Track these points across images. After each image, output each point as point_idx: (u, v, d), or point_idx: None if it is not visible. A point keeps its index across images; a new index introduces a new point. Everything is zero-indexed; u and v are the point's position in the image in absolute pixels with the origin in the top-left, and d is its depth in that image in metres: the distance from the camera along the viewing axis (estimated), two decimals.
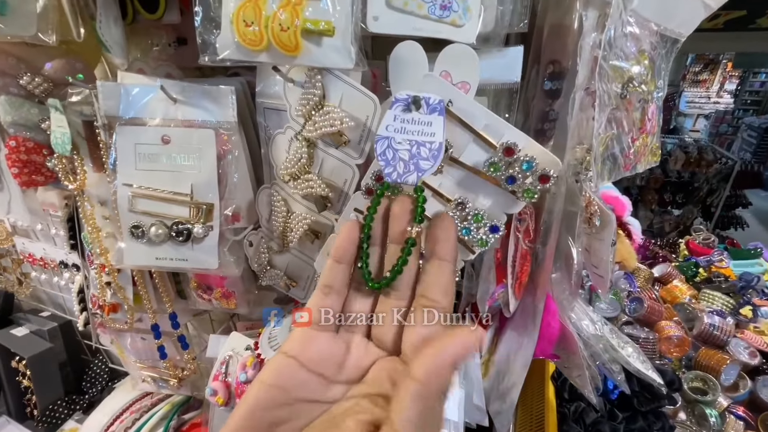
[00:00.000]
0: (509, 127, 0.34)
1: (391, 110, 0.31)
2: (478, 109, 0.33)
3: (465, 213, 0.36)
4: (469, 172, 0.35)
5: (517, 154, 0.33)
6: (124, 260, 0.47)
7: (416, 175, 0.31)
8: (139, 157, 0.46)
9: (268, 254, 0.52)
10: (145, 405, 0.87)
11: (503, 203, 0.36)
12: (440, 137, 0.31)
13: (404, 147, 0.31)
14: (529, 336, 0.61)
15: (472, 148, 0.34)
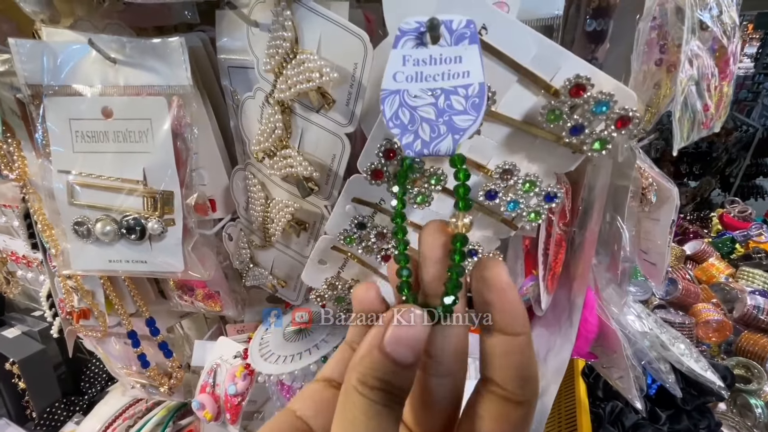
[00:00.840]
0: (568, 55, 0.23)
1: (398, 49, 0.20)
2: (525, 33, 0.23)
3: (512, 183, 0.26)
4: (510, 127, 0.25)
5: (589, 92, 0.22)
6: (71, 265, 0.39)
7: (452, 140, 0.20)
8: (76, 136, 0.36)
9: (249, 250, 0.43)
10: (140, 410, 0.81)
11: (556, 162, 0.26)
12: (479, 76, 0.20)
13: (426, 101, 0.20)
14: (564, 336, 0.52)
15: (516, 92, 0.24)
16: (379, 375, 0.16)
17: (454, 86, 0.19)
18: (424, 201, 0.26)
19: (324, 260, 0.35)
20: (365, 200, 0.30)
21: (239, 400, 0.52)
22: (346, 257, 0.34)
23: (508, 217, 0.27)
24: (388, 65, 0.19)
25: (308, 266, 0.36)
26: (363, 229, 0.30)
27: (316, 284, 0.36)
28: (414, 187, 0.25)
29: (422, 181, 0.25)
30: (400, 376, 0.16)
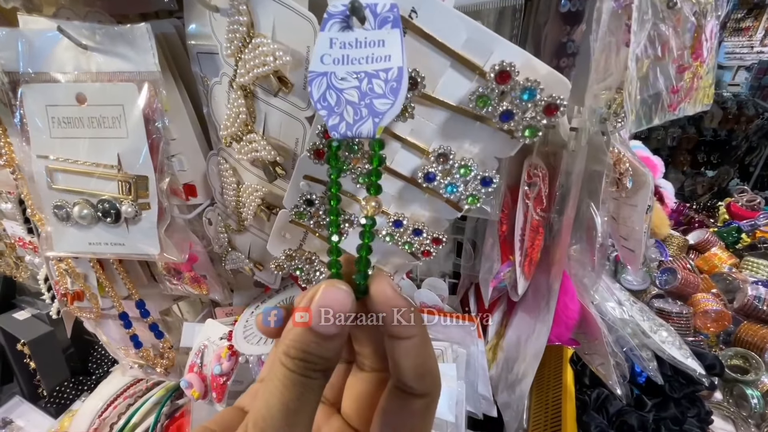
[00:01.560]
0: (499, 40, 0.23)
1: (325, 32, 0.21)
2: (454, 17, 0.23)
3: (448, 166, 0.26)
4: (448, 111, 0.25)
5: (515, 79, 0.22)
6: (54, 247, 0.40)
7: (372, 123, 0.21)
8: (53, 121, 0.37)
9: (227, 234, 0.44)
10: (140, 390, 0.84)
11: (495, 146, 0.26)
12: (398, 60, 0.20)
13: (350, 84, 0.21)
14: (543, 321, 0.52)
15: (451, 77, 0.24)
16: (300, 346, 0.17)
17: (375, 70, 0.19)
18: (365, 180, 0.26)
19: (285, 233, 0.36)
20: (317, 178, 0.30)
21: (224, 380, 0.54)
22: (305, 232, 0.35)
23: (452, 199, 0.28)
24: (315, 47, 0.19)
25: (272, 237, 0.37)
26: (311, 206, 0.30)
27: (278, 254, 0.37)
28: (356, 166, 0.26)
29: (361, 162, 0.25)
30: (322, 347, 0.17)
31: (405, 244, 0.32)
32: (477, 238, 0.49)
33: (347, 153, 0.24)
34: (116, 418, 0.79)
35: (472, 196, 0.27)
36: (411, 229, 0.30)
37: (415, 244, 0.32)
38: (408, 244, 0.32)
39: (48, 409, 1.03)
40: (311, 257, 0.35)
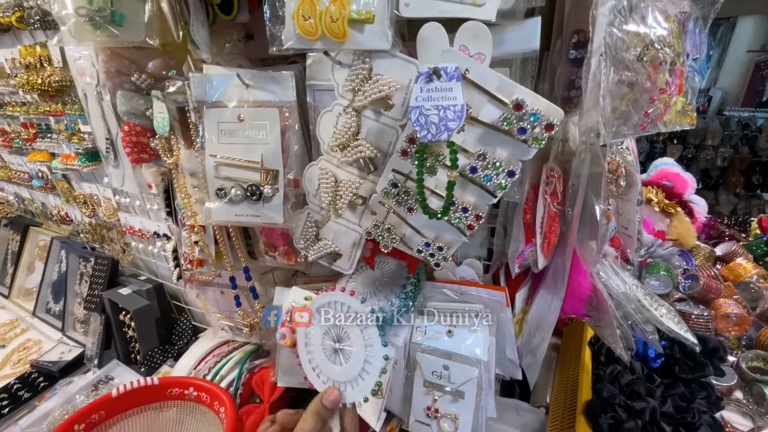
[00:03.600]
0: (518, 86, 0.39)
1: (417, 83, 0.38)
2: (490, 73, 0.39)
3: (486, 162, 0.42)
4: (486, 128, 0.41)
5: (526, 109, 0.38)
6: (212, 217, 0.59)
7: (446, 134, 0.38)
8: (221, 133, 0.57)
9: (314, 228, 0.61)
10: (223, 351, 1.03)
11: (518, 152, 0.42)
12: (461, 100, 0.37)
13: (433, 112, 0.38)
14: (558, 295, 0.66)
15: (488, 108, 0.40)
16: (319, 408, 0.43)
17: (448, 104, 0.36)
18: (432, 171, 0.43)
19: (374, 211, 0.53)
20: (400, 171, 0.47)
21: None
22: (388, 210, 0.52)
23: (489, 187, 0.43)
24: (412, 93, 0.36)
25: (365, 215, 0.54)
26: (395, 187, 0.47)
27: (368, 226, 0.54)
28: (427, 162, 0.42)
29: (431, 159, 0.42)
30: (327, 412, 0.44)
31: (457, 219, 0.48)
32: (507, 223, 0.63)
33: (425, 152, 0.41)
34: (207, 371, 0.98)
35: (501, 184, 0.43)
36: (461, 207, 0.46)
37: (463, 220, 0.48)
38: (459, 219, 0.48)
39: (140, 371, 1.24)
40: (390, 228, 0.52)
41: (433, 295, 0.69)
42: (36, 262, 1.76)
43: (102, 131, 0.72)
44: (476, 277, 0.71)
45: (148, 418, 0.89)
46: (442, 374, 0.61)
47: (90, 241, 1.44)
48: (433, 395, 0.62)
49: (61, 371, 1.30)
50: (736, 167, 3.45)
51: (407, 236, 0.52)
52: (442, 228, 0.50)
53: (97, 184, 1.25)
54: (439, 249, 0.50)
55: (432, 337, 0.62)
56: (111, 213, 1.26)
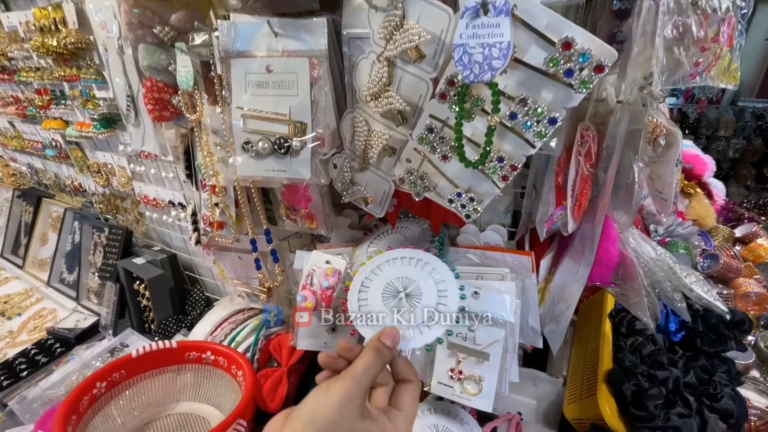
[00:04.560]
0: (569, 24, 0.37)
1: (463, 19, 0.36)
2: (540, 9, 0.37)
3: (527, 108, 0.40)
4: (530, 71, 0.39)
5: (574, 48, 0.37)
6: (237, 172, 0.58)
7: (490, 74, 0.36)
8: (249, 84, 0.55)
9: (350, 173, 0.60)
10: (239, 319, 1.04)
11: (562, 97, 0.40)
12: (508, 36, 0.36)
13: (477, 51, 0.36)
14: (586, 263, 0.65)
15: (534, 49, 0.38)
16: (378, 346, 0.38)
17: (494, 42, 0.34)
18: (470, 116, 0.42)
19: (409, 159, 0.52)
20: (438, 117, 0.46)
21: (331, 292, 0.70)
22: (422, 157, 0.51)
23: (527, 136, 0.42)
24: (456, 29, 0.35)
25: (398, 164, 0.53)
26: (431, 133, 0.46)
27: (401, 173, 0.53)
28: (466, 106, 0.41)
29: (470, 103, 0.40)
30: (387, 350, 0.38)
31: (491, 169, 0.46)
32: (537, 183, 0.62)
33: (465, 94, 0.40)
34: (223, 337, 0.99)
35: (540, 132, 0.41)
36: (497, 156, 0.45)
37: (498, 170, 0.46)
38: (494, 168, 0.46)
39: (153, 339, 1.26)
40: (423, 175, 0.51)
41: (456, 259, 0.68)
42: (49, 233, 1.77)
43: (123, 88, 0.71)
44: (501, 243, 0.70)
45: (166, 380, 0.90)
46: (467, 336, 0.60)
47: (104, 211, 1.44)
48: (457, 357, 0.61)
49: (77, 338, 1.32)
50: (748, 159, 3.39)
51: (439, 186, 0.51)
52: (476, 178, 0.49)
53: (112, 152, 1.25)
54: (470, 200, 0.49)
55: None
56: (125, 182, 1.26)
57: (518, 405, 0.82)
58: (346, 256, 0.75)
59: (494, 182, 0.48)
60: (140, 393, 0.85)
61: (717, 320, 0.77)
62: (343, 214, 0.81)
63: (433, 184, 0.52)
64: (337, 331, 0.76)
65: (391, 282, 0.43)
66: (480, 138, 0.45)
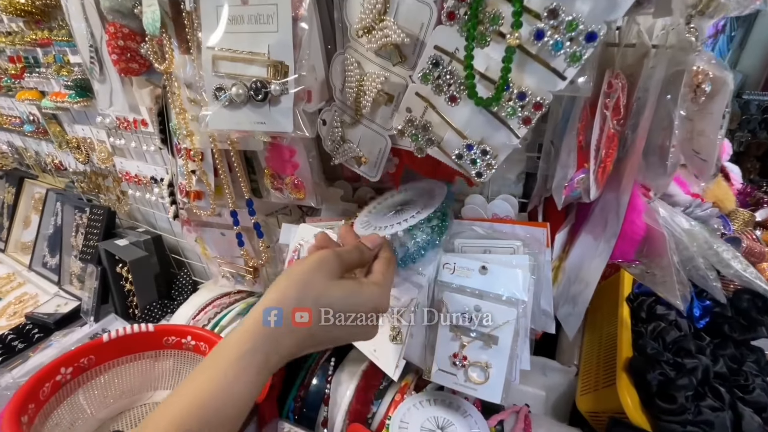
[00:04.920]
0: None
1: None
2: None
3: (557, 21, 0.32)
4: None
5: None
6: (209, 125, 0.50)
7: None
8: (221, 19, 0.47)
9: (341, 128, 0.52)
10: (224, 302, 0.96)
11: (604, 6, 0.32)
12: None
13: None
14: (609, 236, 0.57)
15: None
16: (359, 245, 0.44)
17: None
18: (484, 41, 0.33)
19: (409, 107, 0.44)
20: (444, 49, 0.38)
21: None
22: (425, 105, 0.42)
23: (556, 64, 0.33)
24: None
25: (396, 114, 0.45)
26: (437, 67, 0.38)
27: (400, 124, 0.45)
28: (477, 29, 0.33)
29: (486, 23, 0.32)
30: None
31: (510, 109, 0.38)
32: (555, 138, 0.54)
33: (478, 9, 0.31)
34: (207, 321, 0.91)
35: (576, 54, 0.33)
36: (517, 92, 0.37)
37: (518, 110, 0.38)
38: (513, 109, 0.38)
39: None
40: (427, 125, 0.43)
41: (461, 232, 0.61)
42: (32, 215, 1.70)
43: (85, 36, 0.62)
44: (511, 214, 0.62)
45: (143, 367, 0.82)
46: (473, 316, 0.53)
47: (85, 191, 1.36)
48: (461, 340, 0.54)
49: (57, 323, 1.25)
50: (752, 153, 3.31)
51: (446, 140, 0.43)
52: (490, 126, 0.41)
53: (90, 125, 1.17)
54: (483, 153, 0.41)
55: (462, 275, 0.54)
56: (106, 157, 1.18)
57: (526, 396, 0.75)
58: (338, 229, 0.67)
59: (512, 130, 0.40)
60: (113, 380, 0.78)
61: (749, 304, 0.69)
62: (335, 186, 0.73)
63: (438, 138, 0.44)
64: None
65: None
66: (495, 73, 0.37)
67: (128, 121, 0.99)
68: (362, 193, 0.74)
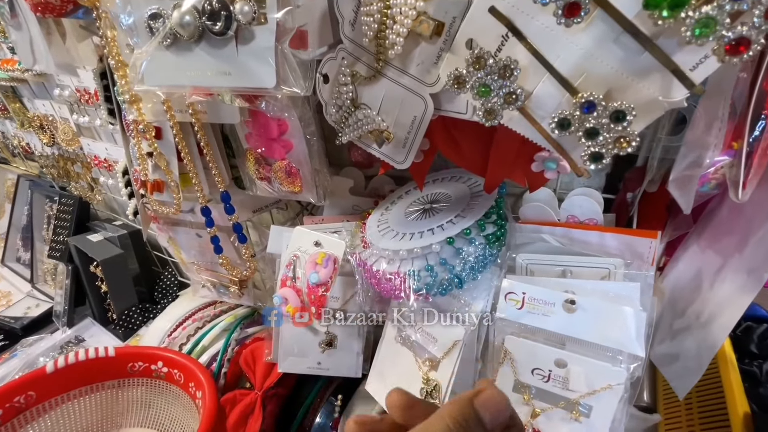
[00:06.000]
0: None
1: None
2: None
3: None
4: None
5: None
6: (145, 80, 0.32)
7: None
8: None
9: (352, 86, 0.33)
10: (208, 315, 0.79)
11: None
12: None
13: None
14: (757, 259, 0.38)
15: None
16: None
17: None
18: None
19: (475, 40, 0.24)
20: None
21: (323, 290, 0.45)
22: (504, 34, 0.23)
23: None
24: None
25: (450, 55, 0.25)
26: None
27: (455, 65, 0.25)
28: None
29: None
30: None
31: (704, 20, 0.19)
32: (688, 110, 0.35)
33: None
34: (185, 339, 0.75)
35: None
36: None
37: (722, 20, 0.19)
38: (708, 18, 0.19)
39: (116, 332, 1.03)
40: (511, 66, 0.24)
41: (523, 243, 0.42)
42: (6, 204, 1.53)
43: None
44: (597, 217, 0.43)
45: (104, 399, 0.66)
46: (552, 374, 0.35)
47: (56, 177, 1.18)
48: (531, 406, 0.36)
49: (25, 329, 1.11)
50: None
51: (536, 95, 0.24)
52: (632, 68, 0.22)
53: (51, 100, 0.98)
54: (615, 117, 0.22)
55: (536, 311, 0.36)
56: (70, 138, 1.00)
57: None
58: (346, 233, 0.49)
59: (680, 72, 0.21)
60: (64, 420, 0.62)
61: None
62: (343, 173, 0.55)
63: (523, 92, 0.25)
64: (335, 346, 0.50)
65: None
66: None
67: (89, 93, 0.81)
68: (378, 183, 0.56)
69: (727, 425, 0.49)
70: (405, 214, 0.45)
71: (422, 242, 0.38)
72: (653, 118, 0.23)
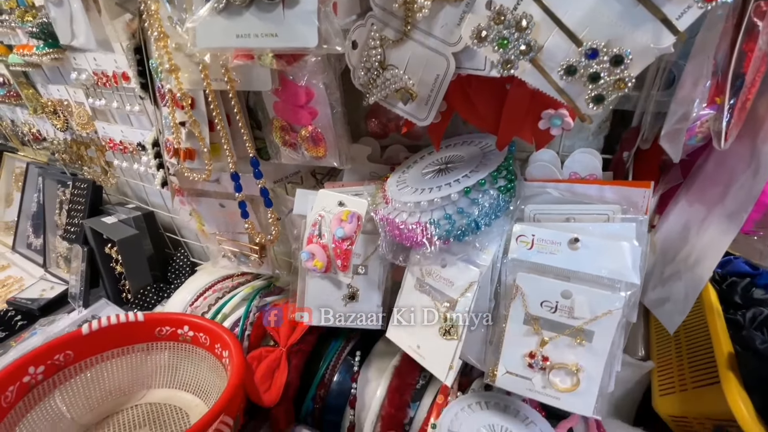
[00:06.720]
0: None
1: None
2: None
3: None
4: None
5: None
6: (197, 43, 0.36)
7: None
8: None
9: (381, 49, 0.37)
10: (227, 286, 0.83)
11: None
12: None
13: None
14: (734, 206, 0.42)
15: None
16: None
17: None
18: None
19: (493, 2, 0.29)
20: None
21: (348, 244, 0.49)
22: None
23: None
24: None
25: (472, 15, 0.29)
26: None
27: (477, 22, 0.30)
28: None
29: None
30: None
31: None
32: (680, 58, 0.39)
33: None
34: (207, 308, 0.79)
35: None
36: None
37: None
38: None
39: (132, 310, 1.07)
40: (528, 20, 0.28)
41: (531, 195, 0.47)
42: (14, 192, 1.56)
43: None
44: (596, 172, 0.48)
45: (133, 362, 0.70)
46: (559, 305, 0.40)
47: (68, 163, 1.21)
48: (540, 336, 0.41)
49: (42, 310, 1.13)
50: None
51: (547, 48, 0.29)
52: (627, 20, 0.26)
53: (66, 85, 1.01)
54: (614, 62, 0.27)
55: (545, 250, 0.40)
56: (86, 122, 1.03)
57: None
58: (367, 195, 0.53)
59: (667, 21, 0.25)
60: (97, 379, 0.66)
61: None
62: (361, 142, 0.59)
63: (536, 45, 0.29)
64: (357, 299, 0.55)
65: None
66: None
67: (107, 76, 0.84)
68: (393, 152, 0.60)
69: (713, 367, 0.54)
70: (422, 174, 0.49)
71: (441, 193, 0.42)
72: (646, 63, 0.28)
